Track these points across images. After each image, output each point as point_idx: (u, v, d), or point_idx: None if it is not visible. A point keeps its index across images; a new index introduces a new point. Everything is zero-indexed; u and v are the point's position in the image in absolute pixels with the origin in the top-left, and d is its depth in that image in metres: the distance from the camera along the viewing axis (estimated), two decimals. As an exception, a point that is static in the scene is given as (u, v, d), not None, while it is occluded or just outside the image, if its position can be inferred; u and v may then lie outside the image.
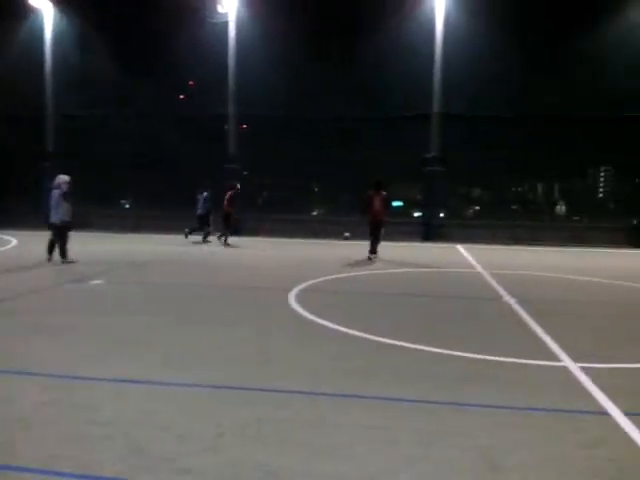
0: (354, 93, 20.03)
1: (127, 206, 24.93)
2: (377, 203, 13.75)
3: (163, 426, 3.67)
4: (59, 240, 11.64)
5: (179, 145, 21.58)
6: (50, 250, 11.72)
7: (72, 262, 11.59)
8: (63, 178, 11.73)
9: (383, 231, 14.07)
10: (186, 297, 8.53)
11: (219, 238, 17.70)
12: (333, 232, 20.28)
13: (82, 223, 20.35)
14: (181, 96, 23.30)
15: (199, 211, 18.19)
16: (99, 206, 21.79)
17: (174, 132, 21.72)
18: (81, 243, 16.48)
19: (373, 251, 13.86)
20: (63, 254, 11.62)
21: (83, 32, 21.29)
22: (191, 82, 22.93)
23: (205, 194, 18.21)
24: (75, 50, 21.75)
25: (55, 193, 11.59)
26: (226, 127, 21.70)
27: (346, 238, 19.55)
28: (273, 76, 19.31)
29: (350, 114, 20.38)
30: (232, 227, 17.85)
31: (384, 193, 13.90)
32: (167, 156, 21.63)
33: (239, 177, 20.52)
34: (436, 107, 20.22)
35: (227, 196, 17.33)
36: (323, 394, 4.33)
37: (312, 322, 6.79)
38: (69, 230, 11.74)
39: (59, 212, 11.50)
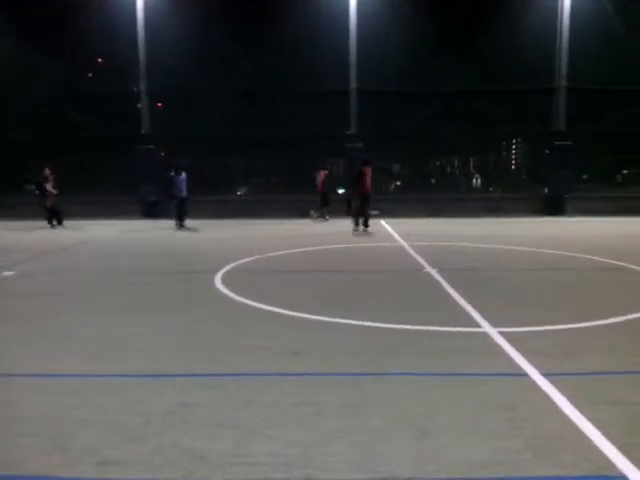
0: (271, 68, 19.78)
1: (37, 192, 23.63)
2: (368, 178, 14.86)
3: (86, 419, 3.53)
4: None
5: (90, 126, 20.59)
6: None
7: None
8: None
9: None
10: (107, 285, 8.21)
11: (324, 217, 18.85)
12: (260, 211, 20.14)
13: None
14: (89, 74, 22.19)
15: (182, 194, 16.73)
16: (7, 194, 20.57)
17: (83, 113, 20.66)
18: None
19: (365, 224, 14.95)
20: None
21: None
22: (100, 59, 21.87)
23: (172, 174, 16.75)
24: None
25: None
26: (139, 105, 20.89)
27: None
28: (186, 51, 18.67)
29: (268, 89, 20.16)
30: (328, 204, 19.01)
31: (370, 169, 15.03)
32: (78, 138, 20.59)
33: (160, 158, 19.92)
34: (353, 83, 20.32)
35: (321, 178, 18.83)
36: (251, 374, 4.30)
37: (238, 303, 6.72)
38: None
39: None
